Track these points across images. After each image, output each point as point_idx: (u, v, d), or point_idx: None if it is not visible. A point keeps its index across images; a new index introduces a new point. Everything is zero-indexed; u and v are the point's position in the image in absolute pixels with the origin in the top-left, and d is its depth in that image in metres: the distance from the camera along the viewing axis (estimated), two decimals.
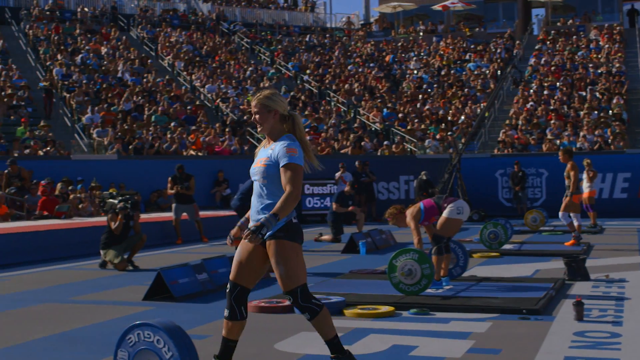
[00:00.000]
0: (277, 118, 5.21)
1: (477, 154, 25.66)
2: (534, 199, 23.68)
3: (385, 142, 26.02)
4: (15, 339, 6.61)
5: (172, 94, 28.08)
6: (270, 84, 31.63)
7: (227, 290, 5.21)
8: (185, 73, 31.84)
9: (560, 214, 14.48)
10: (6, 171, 18.49)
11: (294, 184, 5.02)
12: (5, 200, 17.01)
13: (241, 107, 28.18)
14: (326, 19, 49.22)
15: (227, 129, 25.34)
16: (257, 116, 5.22)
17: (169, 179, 16.98)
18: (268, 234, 5.08)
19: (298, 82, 33.34)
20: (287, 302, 7.83)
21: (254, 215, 5.21)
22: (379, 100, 30.63)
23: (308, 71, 34.12)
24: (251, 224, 5.13)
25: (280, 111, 5.21)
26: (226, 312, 5.19)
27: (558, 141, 24.84)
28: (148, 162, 21.72)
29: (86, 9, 38.40)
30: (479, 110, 28.34)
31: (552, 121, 26.70)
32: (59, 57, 29.81)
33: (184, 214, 16.77)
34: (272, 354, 5.97)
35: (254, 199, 5.26)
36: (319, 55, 37.45)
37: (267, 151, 5.21)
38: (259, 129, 5.29)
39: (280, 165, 5.07)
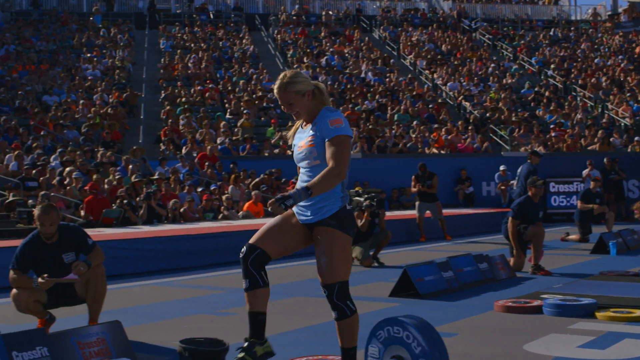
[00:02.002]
0: (310, 97, 4.83)
1: None
2: None
3: (636, 138, 24.83)
4: (270, 330, 6.89)
5: (414, 93, 28.33)
6: (513, 80, 31.09)
7: (242, 256, 4.81)
8: (427, 71, 31.97)
9: None
10: (252, 182, 19.45)
11: (337, 159, 4.60)
12: (260, 198, 17.90)
13: (484, 104, 27.90)
14: (571, 11, 47.69)
15: (469, 127, 25.20)
16: (291, 106, 4.80)
17: (413, 177, 17.15)
18: (318, 218, 4.75)
19: (542, 77, 32.53)
20: (536, 303, 7.69)
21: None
22: (629, 94, 29.27)
23: (552, 66, 33.18)
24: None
25: (310, 90, 4.84)
26: (245, 284, 4.82)
27: None
28: (391, 160, 22.05)
29: (330, 12, 39.57)
30: None
31: None
32: (305, 59, 30.90)
33: (427, 211, 16.87)
34: (521, 355, 5.85)
35: (301, 186, 4.78)
36: (563, 49, 36.30)
37: (308, 132, 4.83)
38: (296, 118, 4.88)
39: (326, 140, 4.69)
